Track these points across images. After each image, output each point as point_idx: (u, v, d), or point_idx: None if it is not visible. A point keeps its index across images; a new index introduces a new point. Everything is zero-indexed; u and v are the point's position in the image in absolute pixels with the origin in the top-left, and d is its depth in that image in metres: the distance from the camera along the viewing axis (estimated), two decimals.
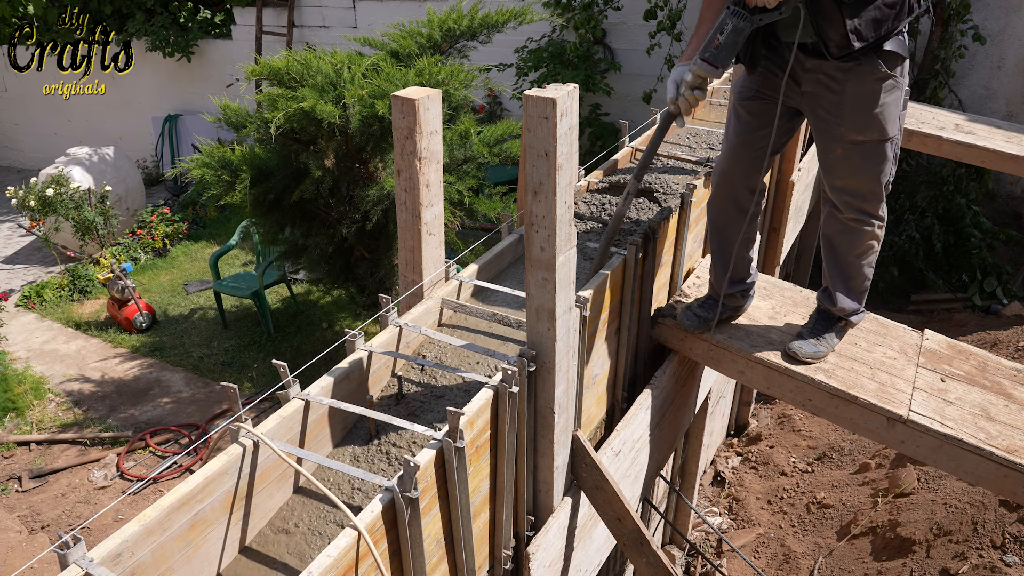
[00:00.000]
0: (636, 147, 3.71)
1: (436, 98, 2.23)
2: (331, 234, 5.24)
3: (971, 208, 6.58)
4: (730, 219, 2.65)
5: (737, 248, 2.68)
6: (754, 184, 2.58)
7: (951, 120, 5.10)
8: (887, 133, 2.32)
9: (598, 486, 2.37)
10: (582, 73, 7.35)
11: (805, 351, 2.62)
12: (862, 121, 2.30)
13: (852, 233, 2.53)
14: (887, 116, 2.30)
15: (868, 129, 2.31)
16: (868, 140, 2.33)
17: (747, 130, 2.51)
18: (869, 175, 2.40)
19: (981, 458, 2.34)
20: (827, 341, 2.66)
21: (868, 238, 2.53)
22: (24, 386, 6.11)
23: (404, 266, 2.44)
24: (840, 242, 2.58)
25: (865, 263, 2.60)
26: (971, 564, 3.56)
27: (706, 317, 2.77)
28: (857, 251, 2.56)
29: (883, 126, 2.31)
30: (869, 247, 2.56)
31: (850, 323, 2.74)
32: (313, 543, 1.77)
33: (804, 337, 2.67)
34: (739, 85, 2.54)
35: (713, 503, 4.90)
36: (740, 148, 2.54)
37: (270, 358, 6.08)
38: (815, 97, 2.36)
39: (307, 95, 4.50)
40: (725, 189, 2.62)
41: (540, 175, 1.84)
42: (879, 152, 2.36)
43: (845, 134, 2.34)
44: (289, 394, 1.89)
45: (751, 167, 2.55)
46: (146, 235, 8.50)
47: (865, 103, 2.28)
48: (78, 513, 4.92)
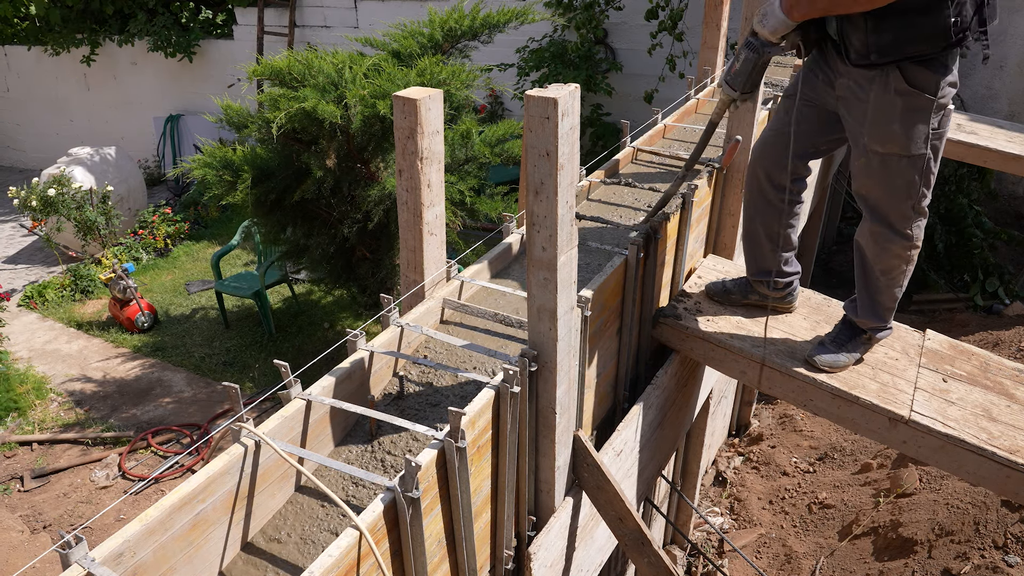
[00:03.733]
0: (638, 147, 3.71)
1: (438, 98, 2.23)
2: (332, 234, 5.24)
3: (973, 208, 6.57)
4: (757, 208, 2.74)
5: (764, 240, 2.75)
6: (777, 178, 2.63)
7: (953, 120, 5.09)
8: (910, 150, 2.26)
9: (599, 486, 2.37)
10: (583, 73, 7.36)
11: (824, 359, 2.60)
12: (882, 132, 2.28)
13: (877, 244, 2.48)
14: (910, 132, 2.24)
15: (888, 142, 2.28)
16: (889, 153, 2.30)
17: (781, 125, 2.57)
18: (891, 189, 2.36)
19: (983, 458, 2.34)
20: (849, 352, 2.62)
21: (893, 255, 2.46)
22: (26, 386, 6.12)
23: (405, 266, 2.44)
24: (867, 250, 2.53)
25: (891, 280, 2.53)
26: (973, 564, 3.55)
27: (730, 290, 2.88)
28: (882, 266, 2.51)
29: (904, 141, 2.25)
30: (895, 266, 2.49)
31: (874, 338, 2.70)
32: (306, 552, 1.77)
33: (826, 345, 2.65)
34: (791, 81, 2.59)
35: (715, 503, 4.89)
36: (771, 139, 2.61)
37: (271, 358, 6.08)
38: (847, 102, 2.36)
39: (308, 95, 4.50)
40: (751, 173, 2.72)
41: (541, 175, 1.84)
42: (901, 167, 2.31)
43: (868, 143, 2.32)
44: (291, 394, 1.89)
45: (776, 161, 2.60)
46: (148, 235, 8.51)
47: (885, 115, 2.25)
48: (80, 513, 4.93)
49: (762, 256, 2.76)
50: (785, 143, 2.53)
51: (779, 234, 2.70)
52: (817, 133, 2.55)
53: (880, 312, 2.62)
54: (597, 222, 3.04)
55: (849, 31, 2.22)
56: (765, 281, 2.81)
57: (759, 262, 2.79)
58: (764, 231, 2.72)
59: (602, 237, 2.96)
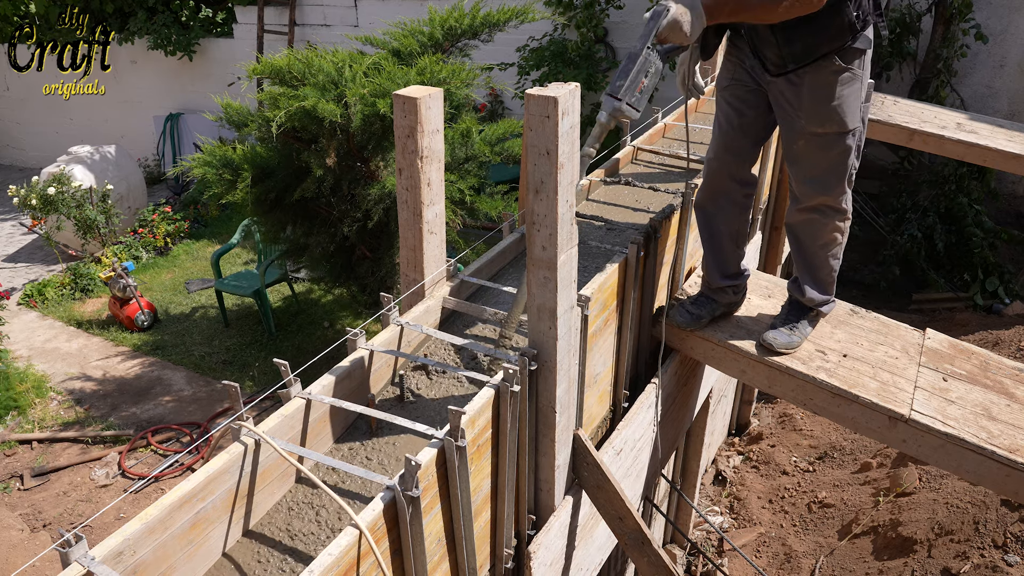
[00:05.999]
0: (638, 146, 3.71)
1: (438, 97, 2.23)
2: (332, 233, 5.24)
3: (973, 207, 6.57)
4: (719, 209, 2.67)
5: (727, 241, 2.70)
6: (742, 175, 2.61)
7: (953, 119, 5.09)
8: (847, 125, 2.32)
9: (599, 485, 2.37)
10: (584, 72, 7.35)
11: (780, 341, 2.65)
12: (821, 113, 2.30)
13: (814, 225, 2.54)
14: (846, 108, 2.30)
15: (827, 122, 2.31)
16: (828, 132, 2.34)
17: (730, 119, 2.53)
18: (830, 167, 2.41)
19: (983, 457, 2.34)
20: (800, 330, 2.68)
21: (831, 230, 2.54)
22: (26, 384, 6.12)
23: (405, 265, 2.44)
24: (803, 233, 2.59)
25: (830, 255, 2.60)
26: (973, 564, 3.55)
27: (698, 314, 2.78)
28: (820, 242, 2.57)
29: (842, 119, 2.31)
30: (833, 239, 2.56)
31: (821, 313, 2.74)
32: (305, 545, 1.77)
33: (777, 327, 2.69)
34: (719, 77, 2.57)
35: (714, 502, 4.90)
36: (726, 138, 2.56)
37: (271, 357, 6.08)
38: (777, 87, 2.36)
39: (309, 94, 4.50)
40: (714, 180, 2.64)
41: (542, 174, 1.84)
42: (839, 144, 2.36)
43: (805, 126, 2.34)
44: (290, 393, 1.89)
45: (738, 157, 2.57)
46: (148, 234, 8.50)
47: (823, 96, 2.28)
48: (80, 511, 4.93)
49: (724, 259, 2.72)
50: (740, 136, 2.52)
51: (739, 231, 2.70)
52: (767, 113, 2.50)
53: (824, 287, 2.68)
54: (597, 221, 3.04)
55: (761, 47, 2.27)
56: (730, 286, 2.78)
57: (722, 267, 2.74)
58: (726, 230, 2.69)
59: (602, 236, 2.96)
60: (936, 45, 6.63)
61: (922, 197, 6.76)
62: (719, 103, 2.58)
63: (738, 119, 2.50)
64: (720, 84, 2.55)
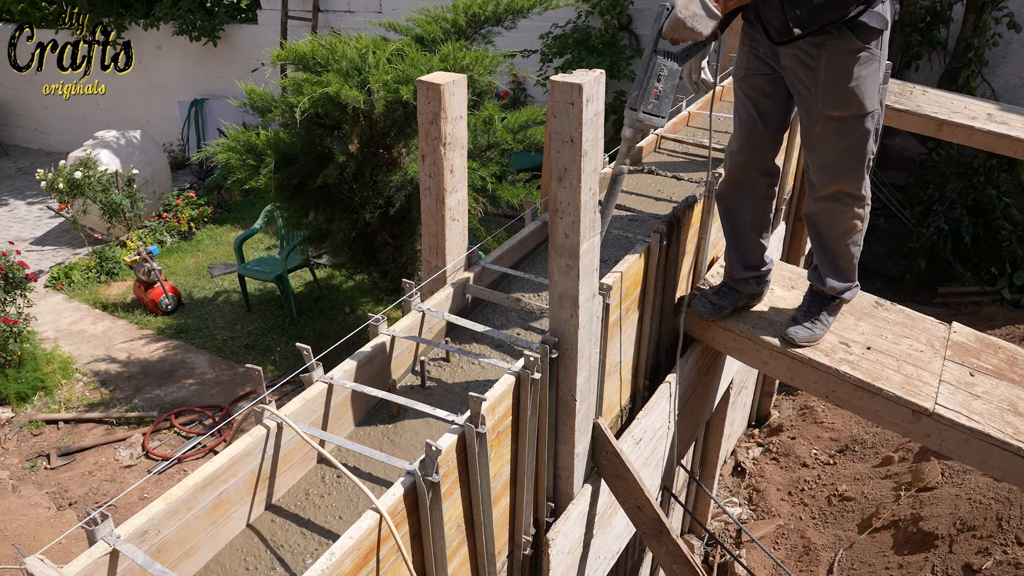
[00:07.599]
0: (661, 135, 3.68)
1: (461, 83, 2.22)
2: (354, 219, 5.26)
3: (1002, 200, 6.46)
4: (742, 200, 2.64)
5: (749, 232, 2.67)
6: (765, 165, 2.57)
7: (983, 110, 5.00)
8: (865, 107, 2.27)
9: (618, 474, 2.37)
10: (607, 59, 7.30)
11: (801, 335, 2.62)
12: (839, 95, 2.25)
13: (832, 213, 2.49)
14: (864, 90, 2.24)
15: (845, 104, 2.26)
16: (846, 116, 2.28)
17: (748, 109, 2.50)
18: (848, 152, 2.36)
19: (1008, 453, 2.31)
20: (822, 322, 2.66)
21: (851, 218, 2.49)
22: (53, 365, 6.22)
23: (427, 251, 2.44)
24: (822, 222, 2.55)
25: (850, 242, 2.56)
26: (995, 560, 3.52)
27: (720, 304, 2.77)
28: (839, 230, 2.53)
29: (860, 100, 2.25)
30: (852, 227, 2.51)
31: (843, 300, 2.70)
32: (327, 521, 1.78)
33: (799, 321, 2.66)
34: (735, 68, 2.53)
35: (733, 493, 4.88)
36: (746, 128, 2.53)
37: (293, 341, 6.13)
38: (793, 72, 2.32)
39: (332, 80, 4.50)
40: (737, 171, 2.61)
41: (565, 161, 1.83)
42: (858, 128, 2.31)
43: (823, 110, 2.29)
44: (312, 377, 1.90)
45: (760, 147, 2.53)
46: (172, 218, 8.59)
47: (839, 77, 2.22)
48: (104, 491, 5.01)
49: (746, 250, 2.70)
50: (760, 125, 2.48)
51: (763, 222, 2.67)
52: (785, 100, 2.46)
53: (845, 274, 2.63)
54: (620, 209, 3.02)
55: (766, 11, 2.20)
56: (753, 277, 2.75)
57: (745, 258, 2.72)
58: (749, 221, 2.65)
59: (624, 225, 2.95)
60: (967, 34, 6.50)
61: (949, 189, 6.66)
62: (737, 94, 2.54)
63: (756, 108, 2.47)
64: (736, 75, 2.52)
